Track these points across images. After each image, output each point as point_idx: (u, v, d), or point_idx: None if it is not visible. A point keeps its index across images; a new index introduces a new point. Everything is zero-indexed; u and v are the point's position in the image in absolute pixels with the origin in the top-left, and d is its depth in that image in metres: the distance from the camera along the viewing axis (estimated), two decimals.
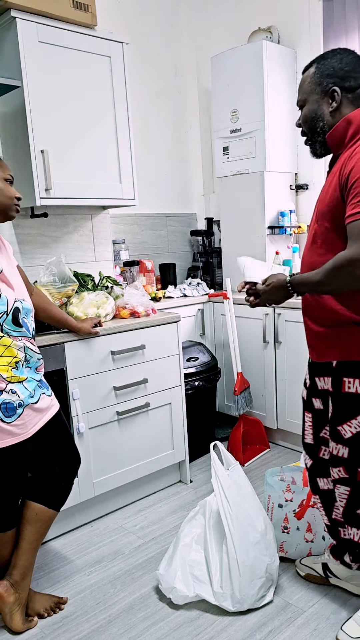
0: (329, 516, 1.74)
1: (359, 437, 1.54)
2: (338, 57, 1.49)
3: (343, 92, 1.48)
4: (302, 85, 1.56)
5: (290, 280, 1.53)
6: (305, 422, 1.75)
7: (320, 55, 1.54)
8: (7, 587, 1.73)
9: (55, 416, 1.76)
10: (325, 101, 1.50)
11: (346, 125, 1.45)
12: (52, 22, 2.24)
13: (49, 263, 2.33)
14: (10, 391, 1.59)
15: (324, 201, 1.50)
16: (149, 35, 3.36)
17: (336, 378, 1.54)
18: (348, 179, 1.38)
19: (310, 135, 1.57)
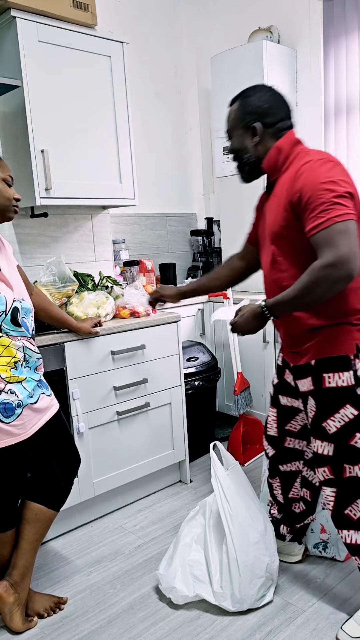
0: (285, 495, 1.93)
1: (343, 431, 1.59)
2: (258, 95, 1.64)
3: (264, 127, 1.63)
4: (228, 119, 1.72)
5: (265, 304, 1.57)
6: (269, 417, 1.91)
7: (243, 92, 1.69)
8: (7, 588, 1.73)
9: (55, 416, 1.76)
10: (248, 135, 1.65)
11: (277, 153, 1.61)
12: (52, 22, 2.24)
13: (49, 263, 2.33)
14: (9, 391, 1.59)
15: (275, 223, 1.60)
16: (149, 35, 3.36)
17: (316, 376, 1.62)
18: (301, 198, 1.49)
19: (239, 164, 1.72)
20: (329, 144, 3.14)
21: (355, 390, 1.57)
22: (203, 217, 3.76)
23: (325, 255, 1.42)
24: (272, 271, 1.66)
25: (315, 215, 1.45)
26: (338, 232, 1.41)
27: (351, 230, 1.42)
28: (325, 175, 1.47)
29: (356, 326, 1.56)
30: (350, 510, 1.63)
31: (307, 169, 1.50)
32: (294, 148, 1.61)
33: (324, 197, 1.44)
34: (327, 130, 3.13)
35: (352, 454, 1.60)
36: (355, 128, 2.99)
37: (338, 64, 3.02)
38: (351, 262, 1.40)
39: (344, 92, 3.01)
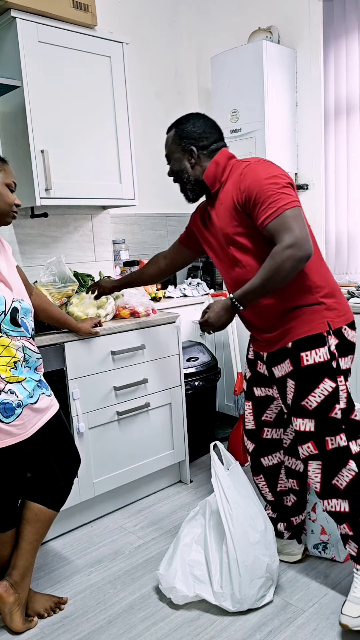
0: (274, 491, 1.99)
1: (323, 406, 1.69)
2: (191, 122, 1.82)
3: (199, 150, 1.81)
4: (166, 145, 1.89)
5: (233, 296, 1.68)
6: (245, 411, 1.98)
7: (178, 121, 1.86)
8: (7, 588, 1.73)
9: (55, 416, 1.76)
10: (185, 158, 1.83)
11: (215, 167, 1.79)
12: (52, 22, 2.24)
13: (49, 263, 2.33)
14: (9, 391, 1.59)
15: (228, 226, 1.74)
16: (149, 35, 3.36)
17: (294, 356, 1.71)
18: (249, 195, 1.64)
19: (181, 185, 1.89)
20: (329, 144, 3.14)
21: (331, 364, 1.69)
22: None
23: (284, 239, 1.56)
24: (234, 270, 1.78)
25: (266, 207, 1.60)
26: (290, 217, 1.57)
27: (301, 215, 1.60)
28: (266, 172, 1.65)
29: (323, 304, 1.70)
30: (337, 480, 1.72)
31: (249, 170, 1.68)
32: (229, 161, 1.79)
33: (270, 190, 1.60)
34: (327, 130, 3.13)
35: (332, 426, 1.70)
36: (355, 128, 2.99)
37: (338, 64, 3.02)
38: (308, 242, 1.57)
39: (344, 92, 3.01)
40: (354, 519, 1.71)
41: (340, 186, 3.12)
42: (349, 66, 2.97)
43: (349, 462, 1.71)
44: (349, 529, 1.72)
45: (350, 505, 1.71)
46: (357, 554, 1.73)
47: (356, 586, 1.72)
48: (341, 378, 1.72)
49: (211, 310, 1.73)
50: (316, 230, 3.24)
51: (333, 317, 1.70)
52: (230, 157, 1.80)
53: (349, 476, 1.70)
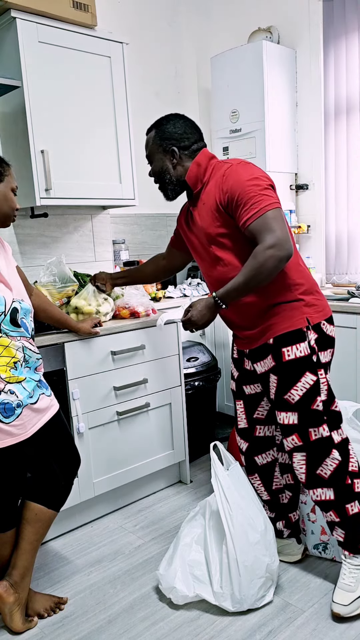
0: (269, 490, 2.00)
1: (305, 399, 1.73)
2: (172, 123, 1.85)
3: (180, 150, 1.83)
4: (147, 146, 1.90)
5: (216, 294, 1.72)
6: (237, 410, 2.00)
7: (158, 122, 1.88)
8: (7, 588, 1.73)
9: (54, 416, 1.76)
10: (167, 158, 1.85)
11: (197, 167, 1.81)
12: (52, 22, 2.24)
13: (49, 263, 2.33)
14: (9, 391, 1.59)
15: (210, 226, 1.77)
16: (149, 35, 3.35)
17: (276, 352, 1.75)
18: (231, 196, 1.67)
19: (161, 184, 1.90)
20: (329, 144, 3.14)
21: (311, 358, 1.74)
22: None
23: (266, 239, 1.61)
24: (216, 269, 1.81)
25: (248, 208, 1.63)
26: (271, 218, 1.62)
27: (281, 216, 1.64)
28: (248, 174, 1.68)
29: (302, 301, 1.75)
30: (321, 469, 1.76)
31: (231, 172, 1.71)
32: (210, 162, 1.82)
33: (252, 192, 1.64)
34: (327, 130, 3.13)
35: (315, 418, 1.75)
36: (355, 128, 2.99)
37: (338, 64, 3.02)
38: (288, 242, 1.61)
39: (344, 92, 3.01)
40: (339, 506, 1.76)
41: (340, 186, 3.12)
42: (349, 66, 2.97)
43: (332, 452, 1.76)
44: (335, 515, 1.78)
45: (335, 493, 1.76)
46: (344, 539, 1.79)
47: (345, 573, 1.78)
48: (321, 371, 1.76)
49: (194, 308, 1.76)
50: (316, 230, 3.24)
51: (312, 313, 1.75)
52: (211, 157, 1.83)
53: (333, 465, 1.75)
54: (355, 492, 1.78)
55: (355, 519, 1.77)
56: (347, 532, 1.78)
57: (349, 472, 1.78)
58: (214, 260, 1.80)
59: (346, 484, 1.77)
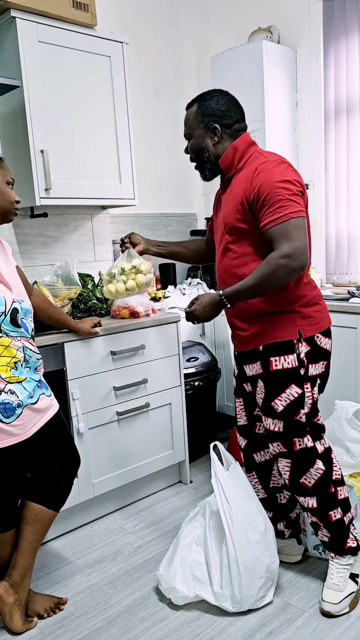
0: (266, 488, 1.99)
1: (289, 409, 1.74)
2: (215, 99, 1.76)
3: (222, 128, 1.75)
4: (187, 121, 1.81)
5: (224, 293, 1.70)
6: (237, 407, 1.99)
7: (200, 96, 1.79)
8: (7, 588, 1.73)
9: (54, 416, 1.76)
10: (208, 136, 1.77)
11: (234, 152, 1.75)
12: (52, 22, 2.24)
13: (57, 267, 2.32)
14: (9, 391, 1.59)
15: (230, 215, 1.73)
16: (149, 35, 3.35)
17: (264, 360, 1.75)
18: (258, 194, 1.62)
19: (199, 163, 1.83)
20: (329, 144, 3.14)
21: (299, 371, 1.73)
22: (203, 217, 3.75)
23: (282, 247, 1.58)
24: (224, 259, 1.79)
25: (273, 211, 1.60)
26: (293, 226, 1.59)
27: (304, 226, 1.61)
28: (281, 175, 1.63)
29: (298, 313, 1.73)
30: (305, 478, 1.78)
31: (264, 168, 1.65)
32: (249, 148, 1.76)
33: (280, 195, 1.60)
34: (327, 130, 3.12)
35: (298, 428, 1.75)
36: (355, 128, 2.99)
37: (338, 64, 3.02)
38: (304, 254, 1.59)
39: (344, 92, 3.01)
40: (323, 512, 1.78)
41: (340, 186, 3.12)
42: (349, 66, 2.96)
43: (316, 462, 1.77)
44: (318, 520, 1.80)
45: (318, 502, 1.78)
46: (329, 541, 1.81)
47: (333, 573, 1.80)
48: (308, 384, 1.75)
49: (198, 302, 1.76)
50: (316, 230, 3.23)
51: (305, 326, 1.73)
52: (250, 143, 1.77)
53: (317, 474, 1.76)
54: (339, 499, 1.80)
55: (339, 524, 1.79)
56: (331, 534, 1.80)
57: (332, 480, 1.79)
58: (225, 250, 1.78)
59: (329, 492, 1.78)
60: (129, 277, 2.17)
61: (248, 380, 1.88)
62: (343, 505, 1.81)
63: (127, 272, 2.18)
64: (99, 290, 2.50)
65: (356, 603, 1.79)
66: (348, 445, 2.06)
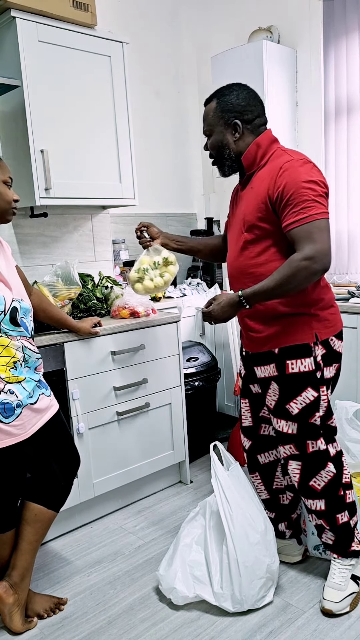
0: (269, 489, 1.98)
1: (304, 412, 1.72)
2: (235, 94, 1.72)
3: (243, 124, 1.71)
4: (207, 118, 1.77)
5: (243, 294, 1.65)
6: (242, 408, 1.98)
7: (219, 91, 1.75)
8: (7, 588, 1.73)
9: (54, 416, 1.76)
10: (229, 132, 1.72)
11: (256, 148, 1.71)
12: (52, 22, 2.24)
13: (57, 267, 2.32)
14: (9, 391, 1.58)
15: (251, 213, 1.69)
16: (149, 35, 3.35)
17: (280, 363, 1.73)
18: (282, 194, 1.59)
19: (219, 159, 1.78)
20: (329, 144, 3.13)
21: (315, 375, 1.71)
22: (203, 217, 3.75)
23: (304, 249, 1.55)
24: (240, 257, 1.75)
25: (297, 211, 1.56)
26: (317, 228, 1.55)
27: (328, 228, 1.58)
28: (307, 174, 1.59)
29: (315, 316, 1.70)
30: (315, 481, 1.77)
31: (290, 167, 1.61)
32: (271, 145, 1.72)
33: (305, 195, 1.56)
34: (327, 130, 3.12)
35: (312, 431, 1.74)
36: (355, 128, 2.98)
37: (338, 64, 3.02)
38: (327, 257, 1.56)
39: (344, 92, 3.01)
40: (330, 515, 1.78)
41: (340, 186, 3.11)
42: (349, 66, 2.96)
43: (327, 465, 1.75)
44: (325, 523, 1.79)
45: (326, 504, 1.78)
46: (333, 543, 1.81)
47: (335, 572, 1.80)
48: (323, 388, 1.74)
49: (216, 302, 1.70)
50: None
51: (321, 329, 1.71)
52: (273, 140, 1.73)
53: (327, 477, 1.75)
54: (347, 502, 1.79)
55: (345, 527, 1.79)
56: (336, 537, 1.80)
57: (342, 484, 1.78)
58: (242, 249, 1.73)
59: (338, 495, 1.77)
60: (163, 270, 2.10)
61: (258, 381, 1.85)
62: (350, 509, 1.80)
63: (160, 266, 2.11)
64: (99, 290, 2.50)
65: (356, 603, 1.79)
66: (348, 445, 2.06)
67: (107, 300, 2.49)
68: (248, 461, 2.01)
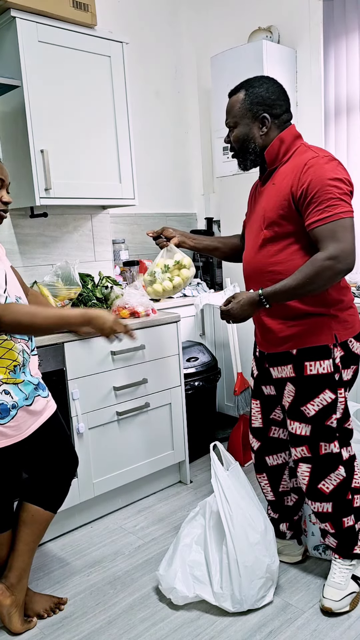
0: (275, 490, 1.96)
1: (320, 415, 1.70)
2: (265, 87, 1.68)
3: (272, 118, 1.67)
4: (232, 109, 1.73)
5: (263, 293, 1.61)
6: (253, 409, 1.95)
7: (247, 82, 1.71)
8: (3, 590, 1.73)
9: (51, 417, 1.75)
10: (255, 125, 1.68)
11: (280, 144, 1.67)
12: (52, 22, 2.24)
13: (58, 267, 2.32)
14: (4, 392, 1.58)
15: (272, 210, 1.65)
16: (149, 35, 3.35)
17: (298, 364, 1.70)
18: (307, 191, 1.55)
19: (242, 153, 1.74)
20: (329, 144, 3.13)
21: (333, 377, 1.69)
22: (203, 217, 3.76)
23: (328, 248, 1.52)
24: (258, 255, 1.72)
25: (322, 210, 1.53)
26: (342, 227, 1.52)
27: (352, 227, 1.54)
28: (333, 172, 1.56)
29: (334, 317, 1.67)
30: (324, 484, 1.75)
31: (315, 163, 1.57)
32: (295, 141, 1.69)
33: (330, 194, 1.53)
34: (327, 130, 3.12)
35: (327, 433, 1.72)
36: (355, 128, 2.98)
37: (338, 64, 3.02)
38: (352, 256, 1.52)
39: (344, 92, 3.01)
40: (336, 518, 1.77)
41: None
42: (349, 66, 2.96)
43: (338, 468, 1.74)
44: (330, 527, 1.78)
45: (333, 507, 1.76)
46: (336, 547, 1.81)
47: (335, 572, 1.80)
48: (341, 390, 1.72)
49: (236, 300, 1.65)
50: None
51: (341, 330, 1.68)
52: (296, 136, 1.70)
53: (336, 480, 1.74)
54: (354, 507, 1.78)
55: (350, 531, 1.78)
56: (340, 540, 1.79)
57: (351, 488, 1.77)
58: (261, 246, 1.69)
59: (346, 499, 1.76)
60: (174, 274, 2.06)
61: (273, 382, 1.82)
62: (357, 513, 1.79)
63: (172, 269, 2.06)
64: (99, 290, 2.50)
65: (356, 603, 1.79)
66: None
67: (107, 300, 2.49)
68: (256, 462, 1.99)
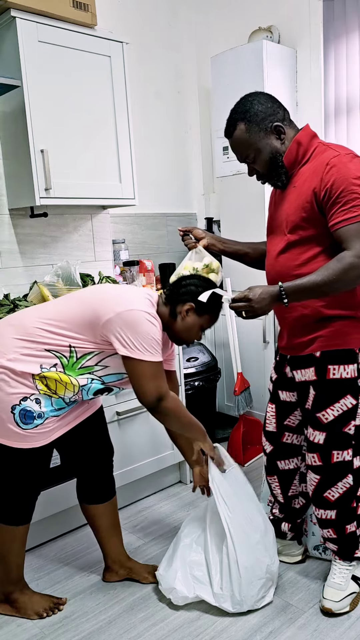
0: (285, 494, 1.94)
1: (338, 420, 1.67)
2: (254, 103, 1.64)
3: (282, 122, 1.64)
4: (242, 143, 1.65)
5: (283, 285, 1.52)
6: (267, 412, 1.93)
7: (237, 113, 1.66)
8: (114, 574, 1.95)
9: (92, 415, 1.82)
10: (273, 138, 1.63)
11: (297, 147, 1.63)
12: (52, 22, 2.24)
13: (58, 267, 2.32)
14: (35, 400, 1.57)
15: (295, 213, 1.61)
16: (149, 35, 3.35)
17: (320, 367, 1.66)
18: (331, 191, 1.51)
19: (274, 171, 1.66)
20: None
21: (356, 382, 1.66)
22: (203, 217, 3.75)
23: (356, 246, 1.48)
24: (281, 259, 1.67)
25: (347, 209, 1.49)
26: None
27: None
28: (358, 170, 1.51)
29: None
30: (329, 492, 1.74)
31: (338, 162, 1.53)
32: (312, 141, 1.65)
33: (356, 192, 1.49)
34: (327, 130, 3.12)
35: (343, 440, 1.70)
36: (355, 128, 2.99)
37: (338, 64, 3.02)
38: None
39: (344, 92, 3.01)
40: (339, 525, 1.76)
41: None
42: (349, 66, 2.96)
43: (347, 476, 1.72)
44: (333, 533, 1.78)
45: (337, 514, 1.76)
46: (337, 550, 1.81)
47: (335, 573, 1.80)
48: None
49: (252, 291, 1.52)
50: None
51: None
52: (313, 135, 1.66)
53: (343, 488, 1.73)
54: (358, 514, 1.77)
55: (352, 536, 1.78)
56: (342, 545, 1.79)
57: (356, 496, 1.76)
58: (284, 250, 1.65)
59: (351, 507, 1.75)
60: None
61: (296, 387, 1.77)
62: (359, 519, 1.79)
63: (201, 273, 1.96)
64: None
65: (356, 604, 1.79)
66: None
67: None
68: (267, 464, 1.98)
